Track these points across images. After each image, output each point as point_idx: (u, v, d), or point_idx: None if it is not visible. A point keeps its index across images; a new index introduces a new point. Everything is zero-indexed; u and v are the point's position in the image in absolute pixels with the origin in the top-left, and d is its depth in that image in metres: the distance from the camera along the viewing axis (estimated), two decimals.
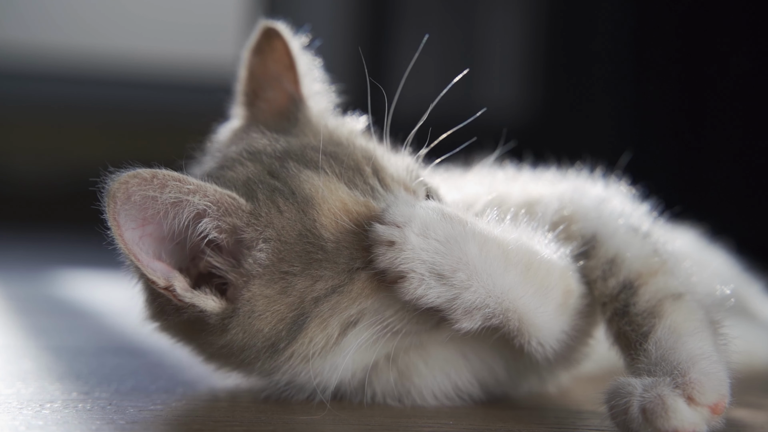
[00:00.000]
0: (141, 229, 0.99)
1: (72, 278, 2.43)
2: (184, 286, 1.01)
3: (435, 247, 0.95)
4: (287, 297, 1.00)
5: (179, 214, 1.00)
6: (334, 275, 1.00)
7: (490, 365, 1.11)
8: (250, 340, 1.02)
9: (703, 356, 0.93)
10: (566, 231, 1.08)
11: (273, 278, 1.01)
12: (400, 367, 1.09)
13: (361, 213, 1.02)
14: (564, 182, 1.21)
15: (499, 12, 3.58)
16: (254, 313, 1.01)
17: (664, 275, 1.03)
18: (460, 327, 0.97)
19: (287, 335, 1.01)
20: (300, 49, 1.20)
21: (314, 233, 1.01)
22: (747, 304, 1.43)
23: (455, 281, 0.95)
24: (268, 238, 1.01)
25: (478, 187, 1.17)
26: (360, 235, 1.00)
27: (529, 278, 0.98)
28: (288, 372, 1.04)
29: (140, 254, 0.99)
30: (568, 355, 1.09)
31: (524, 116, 3.50)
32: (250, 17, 4.03)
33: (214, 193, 1.01)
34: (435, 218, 0.96)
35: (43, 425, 0.97)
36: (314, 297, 1.00)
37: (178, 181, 0.99)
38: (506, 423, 1.05)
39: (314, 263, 1.00)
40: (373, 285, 1.00)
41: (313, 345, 1.01)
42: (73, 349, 1.48)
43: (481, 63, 3.58)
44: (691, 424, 0.89)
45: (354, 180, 1.05)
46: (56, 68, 4.09)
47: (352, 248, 1.00)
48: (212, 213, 1.01)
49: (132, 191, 0.97)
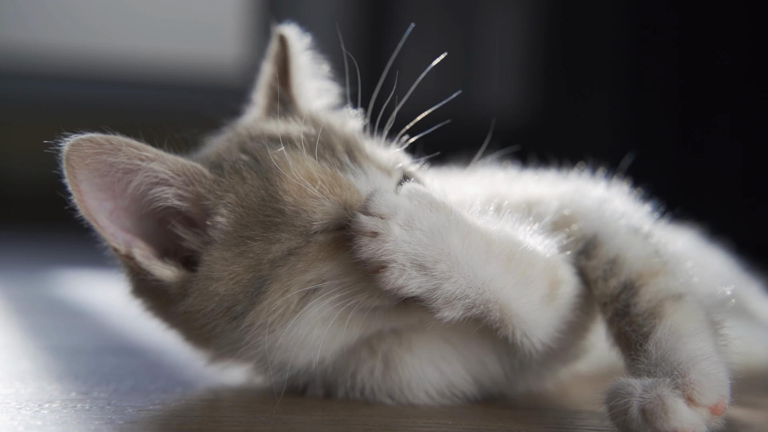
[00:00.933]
0: (101, 193, 1.03)
1: (71, 278, 2.43)
2: (144, 254, 1.04)
3: (418, 238, 0.95)
4: (244, 259, 1.02)
5: (138, 181, 1.04)
6: (292, 237, 1.01)
7: (483, 360, 1.10)
8: (208, 303, 1.03)
9: (704, 357, 0.93)
10: (567, 231, 1.08)
11: (233, 242, 1.03)
12: (385, 358, 1.09)
13: (325, 181, 1.03)
14: (565, 183, 1.21)
15: (499, 12, 3.59)
16: (212, 276, 1.03)
17: (665, 276, 1.03)
18: (442, 316, 0.97)
19: (245, 298, 1.02)
20: (298, 51, 1.21)
21: (275, 198, 1.03)
22: (746, 304, 1.43)
23: (436, 272, 0.95)
24: (228, 204, 1.04)
25: (477, 188, 1.17)
26: (320, 200, 1.02)
27: (511, 269, 0.98)
28: (252, 344, 1.04)
29: (101, 219, 1.03)
30: (563, 349, 1.09)
31: (524, 116, 3.50)
32: (250, 17, 4.03)
33: (175, 162, 1.05)
34: (419, 208, 0.96)
35: (41, 425, 0.96)
36: (271, 258, 1.01)
37: (134, 148, 1.03)
38: (505, 423, 1.04)
39: (273, 227, 1.02)
40: (330, 249, 1.01)
41: (274, 312, 1.01)
42: (72, 349, 1.47)
43: (481, 63, 3.58)
44: (691, 424, 0.89)
45: (323, 154, 1.07)
46: (56, 68, 4.09)
47: (311, 212, 1.02)
48: (174, 182, 1.05)
49: (86, 154, 1.01)
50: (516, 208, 1.09)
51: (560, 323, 1.05)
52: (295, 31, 1.22)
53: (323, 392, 1.12)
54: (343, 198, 1.03)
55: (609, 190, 1.19)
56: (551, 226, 1.08)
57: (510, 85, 3.58)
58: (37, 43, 4.09)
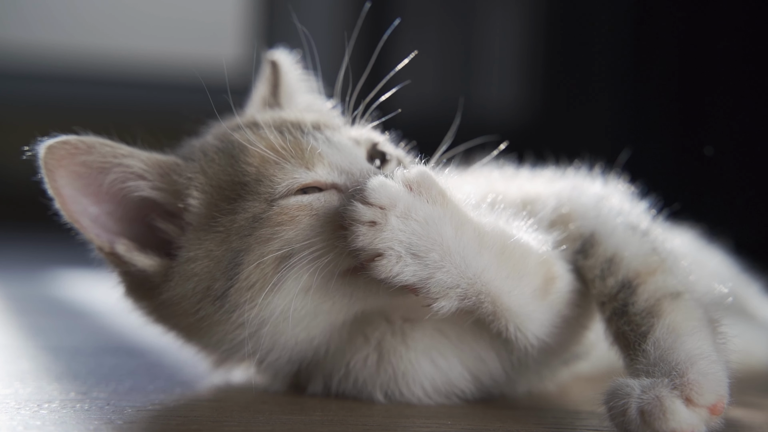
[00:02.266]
0: (82, 194, 1.06)
1: (70, 278, 2.42)
2: (127, 248, 1.07)
3: (413, 228, 0.95)
4: (215, 234, 1.04)
5: (114, 178, 1.07)
6: (255, 205, 1.03)
7: (481, 356, 1.10)
8: (188, 284, 1.05)
9: (702, 356, 0.93)
10: (564, 230, 1.08)
11: (205, 222, 1.05)
12: (379, 348, 1.09)
13: (287, 147, 1.05)
14: (562, 180, 1.21)
15: (497, 12, 3.59)
16: (189, 257, 1.05)
17: (662, 274, 1.03)
18: (438, 306, 0.97)
19: (221, 275, 1.03)
20: (287, 72, 1.26)
21: (240, 171, 1.05)
22: (745, 304, 1.43)
23: (429, 261, 0.95)
24: (198, 185, 1.07)
25: (474, 187, 1.17)
26: (281, 164, 1.04)
27: (504, 261, 0.99)
28: (238, 324, 1.04)
29: (84, 220, 1.07)
30: (561, 345, 1.09)
31: (523, 116, 3.50)
32: (250, 18, 4.03)
33: (149, 157, 1.08)
34: (416, 199, 0.96)
35: (41, 425, 0.96)
36: (237, 228, 1.03)
37: (108, 146, 1.06)
38: (504, 423, 1.04)
39: (239, 198, 1.04)
40: (293, 212, 1.02)
41: (252, 286, 1.02)
42: (71, 349, 1.48)
43: (480, 63, 3.58)
44: (690, 425, 0.89)
45: (290, 130, 1.08)
46: (56, 68, 4.09)
47: (272, 177, 1.03)
48: (148, 176, 1.08)
49: (61, 156, 1.04)
50: (513, 205, 1.09)
51: (555, 318, 1.05)
52: (286, 56, 1.27)
53: (322, 385, 1.12)
54: (305, 159, 1.05)
55: (606, 187, 1.19)
56: (548, 224, 1.08)
57: (509, 86, 3.58)
58: (37, 43, 4.09)
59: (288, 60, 1.27)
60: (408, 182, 0.97)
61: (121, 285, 1.12)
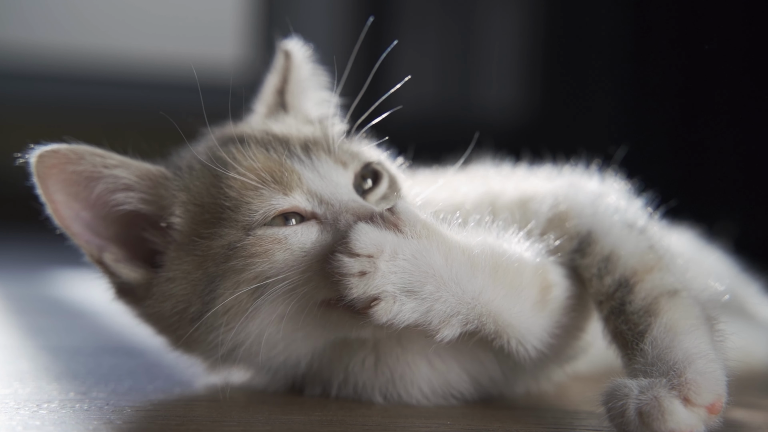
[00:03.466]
0: (73, 201, 1.06)
1: (70, 278, 2.42)
2: (114, 258, 1.08)
3: (402, 266, 0.95)
4: (194, 257, 1.04)
5: (103, 188, 1.07)
6: (232, 232, 1.02)
7: (479, 357, 1.10)
8: (166, 303, 1.05)
9: (700, 355, 0.93)
10: (561, 228, 1.08)
11: (186, 241, 1.05)
12: (375, 349, 1.09)
13: (268, 169, 1.04)
14: (559, 178, 1.20)
15: (496, 12, 3.58)
16: (169, 276, 1.05)
17: (659, 272, 1.03)
18: (442, 337, 0.97)
19: (197, 300, 1.03)
20: (299, 64, 1.23)
21: (222, 193, 1.04)
22: (745, 304, 1.43)
23: (425, 294, 0.95)
24: (182, 202, 1.06)
25: (470, 187, 1.17)
26: (259, 191, 1.02)
27: (499, 280, 0.98)
28: (216, 344, 1.04)
29: (75, 227, 1.07)
30: (558, 351, 1.09)
31: (522, 116, 3.50)
32: (249, 18, 4.03)
33: (139, 167, 1.08)
34: (400, 239, 0.95)
35: (40, 425, 0.96)
36: (213, 255, 1.02)
37: (98, 156, 1.06)
38: (504, 423, 1.04)
39: (219, 222, 1.03)
40: (269, 243, 1.01)
41: (228, 311, 1.02)
42: (71, 349, 1.47)
43: (479, 63, 3.58)
44: (688, 425, 0.89)
45: (276, 148, 1.07)
46: (56, 68, 4.08)
47: (250, 204, 1.02)
48: (137, 186, 1.08)
49: (52, 164, 1.04)
50: (509, 206, 1.09)
51: (554, 328, 1.05)
52: (299, 46, 1.24)
53: (320, 389, 1.12)
54: (284, 184, 1.03)
55: (603, 185, 1.18)
56: (546, 223, 1.08)
57: (508, 86, 3.58)
58: (37, 43, 4.09)
59: (301, 52, 1.24)
60: (390, 222, 0.97)
61: (110, 290, 1.13)
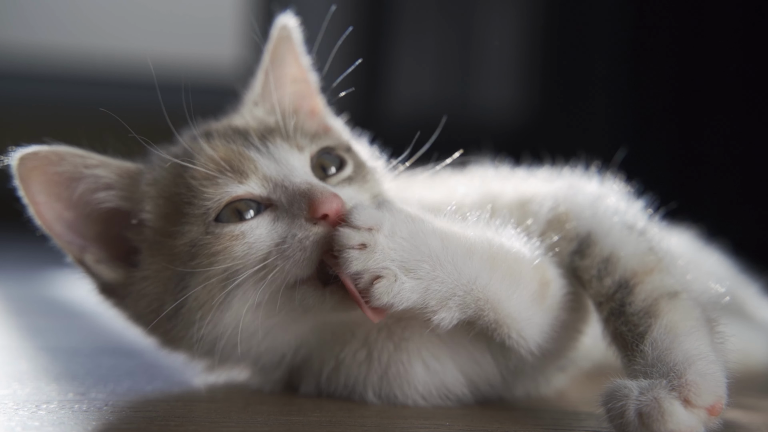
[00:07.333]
0: (55, 202, 1.07)
1: (68, 279, 2.42)
2: (95, 258, 1.09)
3: (400, 244, 0.96)
4: (163, 256, 1.04)
5: (84, 187, 1.07)
6: (194, 228, 1.03)
7: (476, 359, 1.10)
8: (142, 302, 1.06)
9: (700, 356, 0.93)
10: (560, 230, 1.08)
11: (157, 239, 1.06)
12: (366, 343, 1.09)
13: (227, 158, 1.04)
14: (559, 180, 1.20)
15: (496, 13, 3.58)
16: (144, 275, 1.06)
17: (659, 273, 1.03)
18: (439, 319, 0.97)
19: (170, 298, 1.03)
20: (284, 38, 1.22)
21: (185, 183, 1.05)
22: (744, 305, 1.43)
23: (421, 273, 0.95)
24: (151, 197, 1.07)
25: (469, 188, 1.17)
26: (215, 179, 1.03)
27: (496, 267, 0.99)
28: (196, 339, 1.04)
29: (57, 228, 1.08)
30: (556, 350, 1.08)
31: (521, 117, 3.50)
32: (249, 17, 4.03)
33: (119, 166, 1.09)
34: (398, 218, 0.97)
35: (39, 426, 0.96)
36: (179, 253, 1.03)
37: (79, 156, 1.07)
38: (503, 424, 1.04)
39: (182, 217, 1.04)
40: (228, 239, 1.01)
41: (202, 306, 1.02)
42: (69, 350, 1.47)
43: (478, 64, 3.58)
44: (688, 426, 0.89)
45: (236, 139, 1.08)
46: (56, 68, 4.09)
47: (206, 193, 1.03)
48: (117, 185, 1.08)
49: (34, 166, 1.05)
50: (508, 207, 1.09)
51: (554, 322, 1.05)
52: (291, 21, 1.22)
53: (314, 384, 1.12)
54: (240, 172, 1.04)
55: (603, 187, 1.18)
56: (545, 223, 1.08)
57: (507, 86, 3.58)
58: (37, 43, 4.09)
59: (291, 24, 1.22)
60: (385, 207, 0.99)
61: (93, 290, 1.14)
